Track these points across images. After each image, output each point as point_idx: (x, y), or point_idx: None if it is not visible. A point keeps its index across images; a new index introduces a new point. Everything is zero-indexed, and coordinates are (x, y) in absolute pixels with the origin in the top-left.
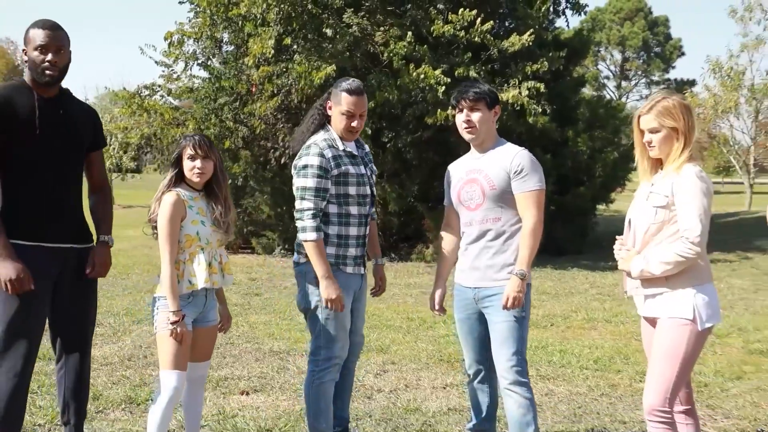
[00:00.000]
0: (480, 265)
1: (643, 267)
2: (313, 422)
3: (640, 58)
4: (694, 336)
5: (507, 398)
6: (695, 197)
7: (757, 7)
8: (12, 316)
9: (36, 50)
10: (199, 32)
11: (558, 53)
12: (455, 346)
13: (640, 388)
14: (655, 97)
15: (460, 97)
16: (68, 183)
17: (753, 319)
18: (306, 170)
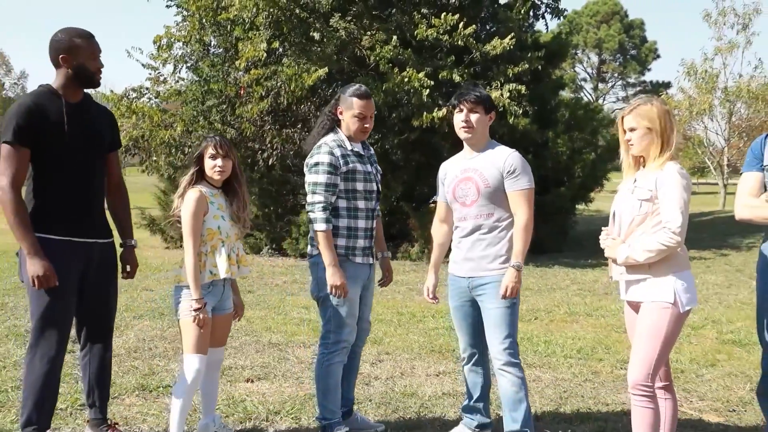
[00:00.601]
0: (474, 256)
1: (629, 254)
2: (323, 401)
3: (617, 60)
4: (674, 318)
5: (500, 378)
6: (677, 191)
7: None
8: (45, 307)
9: (93, 58)
10: (188, 36)
11: (537, 56)
12: (445, 338)
13: (621, 375)
14: (637, 101)
15: (461, 98)
16: (93, 182)
17: (726, 312)
18: (317, 167)
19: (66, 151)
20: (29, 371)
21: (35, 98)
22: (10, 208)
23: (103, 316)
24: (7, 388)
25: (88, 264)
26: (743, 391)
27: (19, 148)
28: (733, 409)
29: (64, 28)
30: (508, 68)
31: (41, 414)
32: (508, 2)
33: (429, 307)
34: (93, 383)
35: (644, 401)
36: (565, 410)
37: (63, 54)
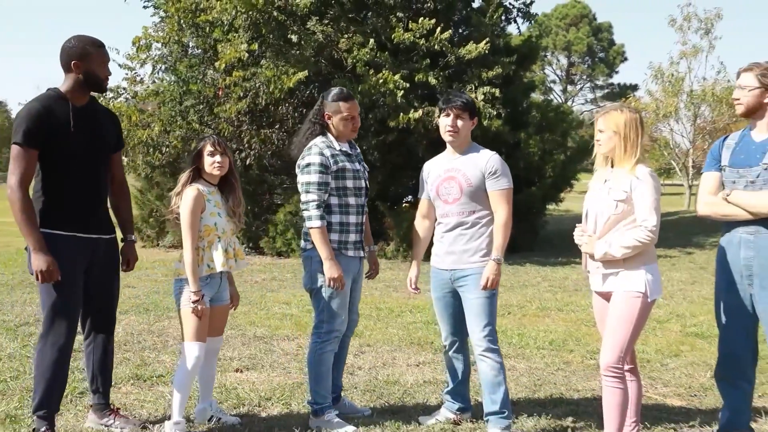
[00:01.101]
0: (456, 250)
1: (606, 250)
2: (315, 386)
3: (585, 63)
4: (643, 306)
5: (481, 363)
6: (650, 193)
7: (694, 17)
8: (54, 299)
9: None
10: (167, 37)
11: (509, 59)
12: (423, 331)
13: (591, 364)
14: (610, 106)
15: (449, 103)
16: (98, 180)
17: (690, 307)
18: (309, 167)
19: (72, 152)
20: (41, 359)
21: (44, 102)
22: (17, 206)
23: (107, 307)
24: (6, 378)
25: (92, 258)
26: (704, 378)
27: (27, 149)
28: (695, 395)
29: (77, 35)
30: (482, 71)
31: (52, 398)
32: (480, 7)
33: (406, 303)
34: (96, 370)
35: (615, 382)
36: (539, 396)
37: (75, 60)
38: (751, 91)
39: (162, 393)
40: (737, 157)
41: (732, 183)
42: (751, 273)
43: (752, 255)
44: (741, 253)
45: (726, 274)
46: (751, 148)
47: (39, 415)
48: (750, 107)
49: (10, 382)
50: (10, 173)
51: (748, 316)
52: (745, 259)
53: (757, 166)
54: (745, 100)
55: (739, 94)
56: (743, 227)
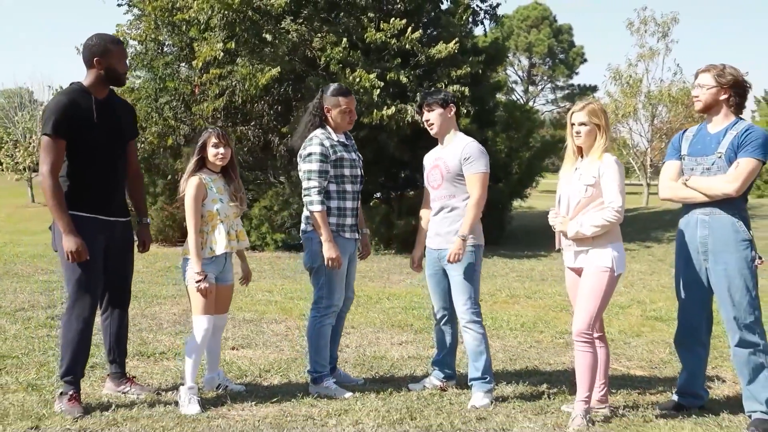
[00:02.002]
0: (441, 231)
1: (578, 229)
2: (315, 356)
3: (546, 64)
4: (610, 279)
5: (465, 334)
6: (616, 177)
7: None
8: (79, 276)
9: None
10: (144, 35)
11: (478, 60)
12: (402, 315)
13: (560, 343)
14: (586, 100)
15: (421, 102)
16: (117, 167)
17: (649, 295)
18: (311, 157)
19: (95, 140)
20: (67, 330)
21: (69, 95)
22: (49, 192)
23: (123, 284)
24: (18, 354)
25: (110, 239)
26: (663, 354)
27: (56, 139)
28: (655, 367)
29: (98, 34)
30: (451, 71)
31: (77, 365)
32: (449, 8)
33: (383, 291)
34: (113, 342)
35: (586, 347)
36: (515, 368)
37: (97, 57)
38: (709, 89)
39: (167, 367)
40: (695, 148)
41: (690, 170)
42: (706, 249)
43: (707, 233)
44: (698, 232)
45: (684, 252)
46: (706, 140)
47: (66, 380)
48: (707, 104)
49: (23, 357)
50: (41, 162)
51: (704, 289)
52: (702, 237)
53: (713, 155)
54: (704, 98)
55: (698, 92)
56: (700, 209)
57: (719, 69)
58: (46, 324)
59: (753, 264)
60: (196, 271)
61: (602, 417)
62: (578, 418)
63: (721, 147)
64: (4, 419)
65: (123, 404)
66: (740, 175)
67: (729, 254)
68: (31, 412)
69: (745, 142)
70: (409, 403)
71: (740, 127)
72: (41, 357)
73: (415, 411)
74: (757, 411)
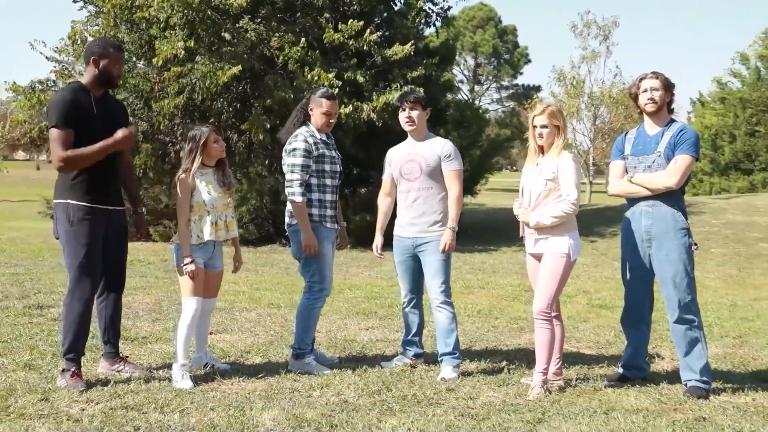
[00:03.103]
0: (417, 221)
1: (538, 219)
2: (302, 335)
3: (491, 64)
4: (567, 264)
5: (437, 313)
6: (572, 173)
7: (593, 24)
8: (80, 260)
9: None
10: (102, 32)
11: (431, 60)
12: (365, 304)
13: (515, 327)
14: (546, 103)
15: (403, 99)
16: (114, 160)
17: (594, 285)
18: (295, 152)
19: (94, 135)
20: (69, 310)
21: (71, 92)
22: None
23: (118, 269)
24: (7, 339)
25: (107, 227)
26: (609, 336)
27: (65, 128)
28: (602, 347)
29: (101, 38)
30: (406, 71)
31: (78, 344)
32: (401, 10)
33: (344, 282)
34: (108, 324)
35: (545, 323)
36: (476, 349)
37: (95, 57)
38: (660, 94)
39: (152, 349)
40: (637, 148)
41: (634, 168)
42: (650, 237)
43: (651, 223)
44: (642, 222)
45: (630, 240)
46: (647, 141)
47: (68, 358)
48: (659, 106)
49: (13, 342)
50: (54, 152)
51: (647, 273)
52: (646, 227)
53: (653, 153)
54: (659, 100)
55: (654, 95)
56: (644, 202)
57: (663, 75)
58: (25, 313)
59: (690, 249)
60: (183, 255)
61: (557, 387)
62: (537, 387)
63: (659, 147)
64: (13, 393)
65: (120, 381)
66: (678, 170)
67: (670, 241)
68: (36, 387)
69: (680, 141)
70: (384, 378)
71: (675, 128)
72: (30, 341)
73: (391, 384)
74: (692, 379)
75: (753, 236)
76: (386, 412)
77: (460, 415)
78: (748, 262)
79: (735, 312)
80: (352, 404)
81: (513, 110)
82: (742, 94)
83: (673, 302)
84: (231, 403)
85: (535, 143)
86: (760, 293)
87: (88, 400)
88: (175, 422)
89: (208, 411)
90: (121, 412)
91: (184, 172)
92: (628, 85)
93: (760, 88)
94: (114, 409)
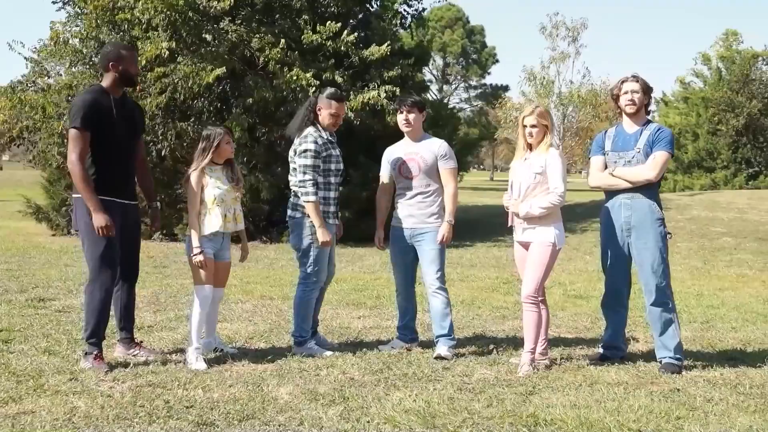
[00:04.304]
0: (415, 213)
1: (528, 210)
2: (300, 323)
3: (460, 63)
4: (553, 252)
5: (433, 298)
6: (559, 168)
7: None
8: (101, 251)
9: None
10: (85, 33)
11: (408, 61)
12: (354, 295)
13: (498, 315)
14: (533, 105)
15: (402, 102)
16: (130, 157)
17: (568, 277)
18: (306, 153)
19: (113, 134)
20: (91, 298)
21: (93, 94)
22: (79, 176)
23: (132, 260)
24: (19, 328)
25: (123, 220)
26: (586, 323)
27: (84, 131)
28: (581, 332)
29: (112, 42)
30: (382, 72)
31: (100, 329)
32: (377, 11)
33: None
34: (123, 312)
35: (533, 307)
36: (464, 335)
37: (112, 62)
38: (639, 96)
39: (160, 336)
40: (617, 144)
41: (614, 163)
42: (630, 227)
43: (630, 214)
44: (622, 213)
45: (610, 229)
46: (626, 138)
47: (91, 342)
48: (639, 108)
49: (26, 331)
50: (71, 151)
51: (626, 260)
52: (626, 217)
53: (632, 150)
54: (639, 103)
55: (634, 97)
56: (623, 194)
57: (642, 79)
58: (29, 305)
59: (665, 238)
60: (194, 245)
61: (544, 366)
62: (525, 365)
63: (638, 143)
64: (43, 374)
65: (139, 363)
66: (657, 165)
67: (647, 231)
68: (63, 369)
69: (658, 139)
70: (384, 359)
71: (652, 127)
72: (42, 330)
73: (391, 364)
74: (666, 356)
75: (716, 231)
76: (391, 387)
77: (459, 389)
78: (711, 255)
79: (701, 300)
80: (359, 381)
81: (481, 110)
82: (704, 93)
83: (650, 286)
84: (248, 381)
85: (525, 141)
86: (723, 284)
87: (114, 379)
88: (201, 397)
89: (228, 387)
90: (147, 389)
91: (195, 169)
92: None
93: (721, 88)
94: (141, 387)
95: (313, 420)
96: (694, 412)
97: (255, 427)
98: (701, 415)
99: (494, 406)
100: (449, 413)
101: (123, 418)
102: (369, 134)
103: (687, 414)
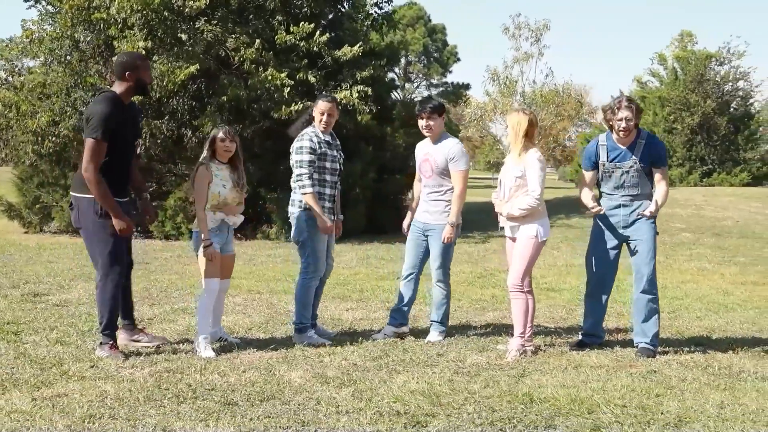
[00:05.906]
0: (430, 210)
1: (510, 210)
2: (301, 311)
3: (421, 62)
4: (536, 245)
5: (435, 289)
6: (537, 170)
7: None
8: (111, 248)
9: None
10: (60, 32)
11: (379, 62)
12: (338, 290)
13: (478, 307)
14: (511, 110)
15: (422, 108)
16: (131, 159)
17: (540, 272)
18: (302, 149)
19: (122, 139)
20: (103, 292)
21: (110, 104)
22: (96, 185)
23: (128, 251)
24: (25, 321)
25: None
26: (562, 313)
27: (102, 142)
28: (558, 322)
29: (126, 52)
30: (355, 72)
31: (113, 320)
32: (348, 12)
33: None
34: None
35: (519, 295)
36: (453, 324)
37: (128, 71)
38: (634, 122)
39: (162, 328)
40: (613, 155)
41: (612, 172)
42: (628, 223)
43: (630, 211)
44: (621, 212)
45: (606, 225)
46: (623, 150)
47: (106, 333)
48: (632, 131)
49: (32, 323)
50: (88, 161)
51: (616, 254)
52: (625, 215)
53: (629, 160)
54: (632, 127)
55: (629, 125)
56: (623, 197)
57: (635, 104)
58: (25, 300)
59: (656, 235)
60: (203, 238)
61: (530, 351)
62: (514, 350)
63: (635, 155)
64: (64, 362)
65: (151, 352)
66: (665, 178)
67: (644, 226)
68: (81, 357)
69: (654, 154)
70: (380, 346)
71: (645, 136)
72: (46, 323)
73: (388, 351)
74: (643, 342)
75: (676, 227)
76: (393, 372)
77: (455, 372)
78: (672, 250)
79: (666, 292)
80: (362, 366)
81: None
82: (660, 93)
83: (642, 275)
84: (259, 366)
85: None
86: (685, 277)
87: (132, 365)
88: (219, 381)
89: (242, 372)
90: (167, 375)
91: (201, 164)
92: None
93: (677, 88)
94: (160, 372)
95: (329, 400)
96: (672, 390)
97: (276, 407)
98: (678, 393)
99: (491, 386)
100: (451, 393)
101: (153, 399)
102: (341, 134)
103: (665, 392)
